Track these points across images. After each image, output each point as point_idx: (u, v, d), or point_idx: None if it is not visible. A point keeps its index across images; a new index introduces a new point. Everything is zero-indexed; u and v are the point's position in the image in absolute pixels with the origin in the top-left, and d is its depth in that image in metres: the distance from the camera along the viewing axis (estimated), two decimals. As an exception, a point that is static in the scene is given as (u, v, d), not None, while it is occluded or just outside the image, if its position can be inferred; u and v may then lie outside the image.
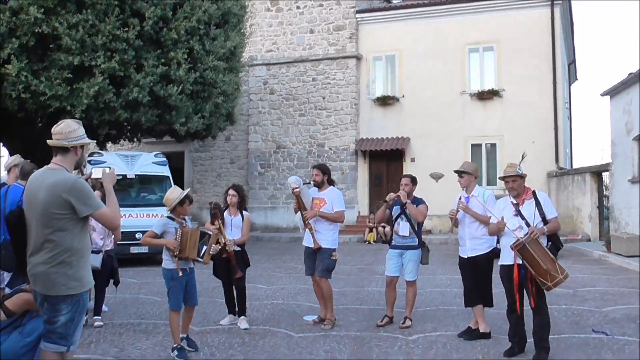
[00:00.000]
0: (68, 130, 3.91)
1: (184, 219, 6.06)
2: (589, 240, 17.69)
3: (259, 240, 19.88)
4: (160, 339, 6.42)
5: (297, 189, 7.03)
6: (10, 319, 4.75)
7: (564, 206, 18.89)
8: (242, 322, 7.07)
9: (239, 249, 7.11)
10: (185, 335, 6.08)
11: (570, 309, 8.02)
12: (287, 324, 7.19)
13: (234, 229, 7.11)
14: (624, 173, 15.98)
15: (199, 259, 5.89)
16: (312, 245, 7.08)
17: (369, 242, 18.96)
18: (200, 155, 24.74)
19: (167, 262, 5.90)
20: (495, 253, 6.40)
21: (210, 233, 6.21)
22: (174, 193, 5.98)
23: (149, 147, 23.06)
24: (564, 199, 19.26)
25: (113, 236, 7.33)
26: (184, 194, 5.96)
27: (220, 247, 6.47)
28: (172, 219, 5.95)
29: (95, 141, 16.41)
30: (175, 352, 5.75)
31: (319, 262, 7.05)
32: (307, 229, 7.11)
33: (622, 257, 13.25)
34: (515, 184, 5.75)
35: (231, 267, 6.97)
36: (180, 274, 5.81)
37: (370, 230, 19.32)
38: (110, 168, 4.29)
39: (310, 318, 7.43)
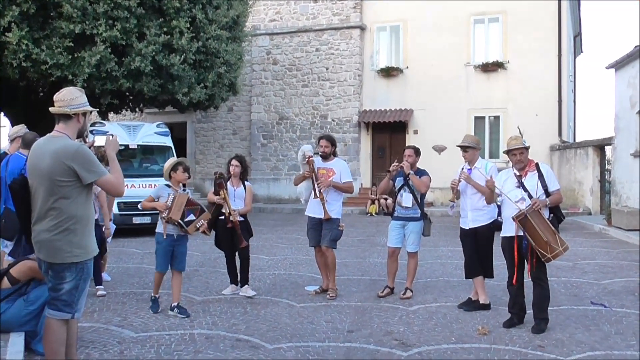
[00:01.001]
0: (70, 97, 3.88)
1: (185, 189, 6.38)
2: (590, 213, 17.73)
3: (261, 212, 19.95)
4: (163, 308, 6.47)
5: (312, 158, 7.04)
6: (15, 286, 4.80)
7: (566, 179, 18.87)
8: (248, 290, 7.13)
9: (242, 219, 7.14)
10: (176, 304, 6.26)
11: (570, 281, 8.07)
12: (288, 294, 7.25)
13: (236, 199, 7.13)
14: (627, 147, 15.91)
15: (182, 223, 6.11)
16: (318, 216, 7.08)
17: (371, 214, 19.03)
18: (203, 126, 24.67)
19: (158, 226, 6.30)
20: (496, 225, 6.41)
21: (205, 208, 6.40)
22: (169, 162, 6.39)
23: (151, 117, 23.01)
24: (566, 173, 19.23)
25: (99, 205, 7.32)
26: (177, 161, 6.32)
27: (209, 223, 6.56)
28: (170, 187, 6.33)
29: (97, 109, 16.34)
30: (150, 304, 6.39)
31: (326, 232, 7.07)
32: (314, 199, 7.10)
33: (622, 230, 13.28)
34: (522, 156, 5.75)
35: (236, 236, 7.03)
36: (165, 236, 6.15)
37: (372, 202, 19.37)
38: (112, 135, 4.27)
39: (311, 288, 7.49)
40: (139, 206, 6.41)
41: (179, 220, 6.10)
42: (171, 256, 6.28)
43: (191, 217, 6.18)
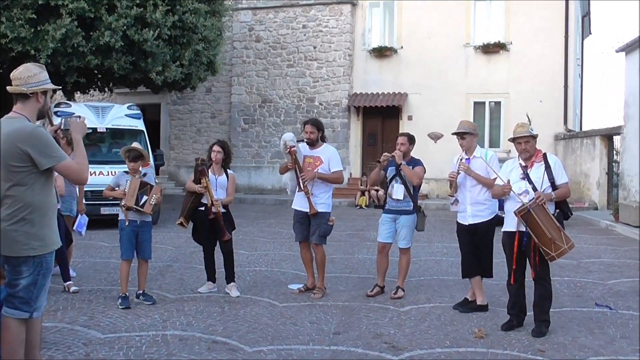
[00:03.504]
0: (27, 74, 3.82)
1: (145, 174, 6.77)
2: (596, 208, 17.89)
3: (241, 203, 19.92)
4: (133, 306, 6.44)
5: (294, 148, 6.96)
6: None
7: (571, 171, 19.00)
8: (233, 290, 7.09)
9: (224, 210, 7.11)
10: (141, 291, 6.71)
11: (573, 281, 8.14)
12: (270, 293, 7.24)
13: (218, 189, 7.10)
14: (637, 137, 16.03)
15: (139, 208, 6.52)
16: (305, 210, 7.06)
17: (361, 207, 19.06)
18: (178, 108, 24.52)
19: (121, 214, 6.67)
20: (497, 220, 6.41)
21: (153, 184, 6.76)
22: (122, 150, 6.86)
23: (121, 98, 22.81)
24: (572, 164, 19.38)
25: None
26: (126, 149, 6.73)
27: (157, 202, 6.76)
28: (127, 173, 6.75)
29: (60, 88, 16.17)
30: (120, 300, 6.48)
31: (315, 227, 7.05)
32: (299, 192, 7.06)
33: (630, 227, 13.41)
34: (528, 145, 5.73)
35: (219, 228, 7.03)
36: (127, 223, 6.54)
37: (362, 194, 19.38)
38: (80, 117, 4.22)
39: (295, 287, 7.48)
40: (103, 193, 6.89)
41: (135, 206, 6.51)
42: (135, 243, 6.64)
43: (145, 198, 6.57)
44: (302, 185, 6.97)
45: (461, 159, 6.49)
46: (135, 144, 6.92)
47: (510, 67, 20.76)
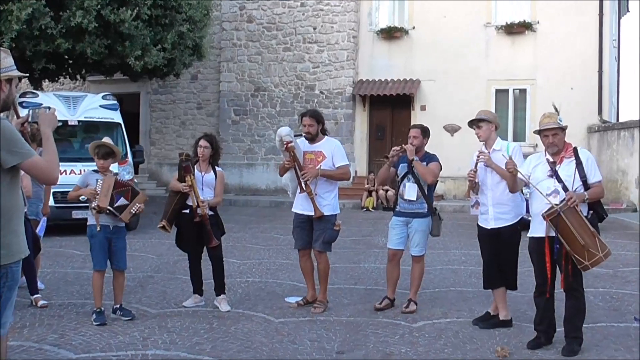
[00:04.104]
0: (-10, 61, 3.83)
1: (115, 173, 6.89)
2: (635, 210, 17.88)
3: (232, 205, 19.94)
4: (109, 322, 6.46)
5: (292, 144, 6.96)
6: None
7: (607, 168, 19.00)
8: (223, 304, 7.11)
9: (211, 212, 7.13)
10: (118, 306, 6.72)
11: (609, 293, 8.14)
12: (265, 307, 7.25)
13: (205, 188, 7.12)
14: (681, 129, 16.05)
15: (113, 210, 6.47)
16: (307, 213, 7.06)
17: (368, 209, 19.08)
18: (160, 98, 24.54)
19: (90, 219, 6.62)
20: (523, 224, 6.41)
21: (137, 189, 6.77)
22: (91, 145, 6.83)
23: (95, 87, 22.83)
24: (607, 159, 19.38)
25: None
26: (95, 145, 6.72)
27: (138, 212, 6.72)
28: (97, 172, 6.71)
29: (27, 75, 16.18)
30: (94, 316, 6.46)
31: (319, 233, 7.05)
32: (301, 193, 7.06)
33: (674, 231, 13.40)
34: (556, 138, 5.71)
35: (205, 233, 7.03)
36: (99, 228, 6.48)
37: (370, 195, 19.40)
38: (49, 108, 4.22)
39: (293, 300, 7.49)
40: (68, 196, 6.86)
41: (109, 208, 6.43)
42: (108, 252, 6.62)
43: (122, 201, 6.52)
44: (303, 185, 6.97)
45: (480, 151, 6.43)
46: (105, 139, 6.91)
47: (537, 49, 20.76)
